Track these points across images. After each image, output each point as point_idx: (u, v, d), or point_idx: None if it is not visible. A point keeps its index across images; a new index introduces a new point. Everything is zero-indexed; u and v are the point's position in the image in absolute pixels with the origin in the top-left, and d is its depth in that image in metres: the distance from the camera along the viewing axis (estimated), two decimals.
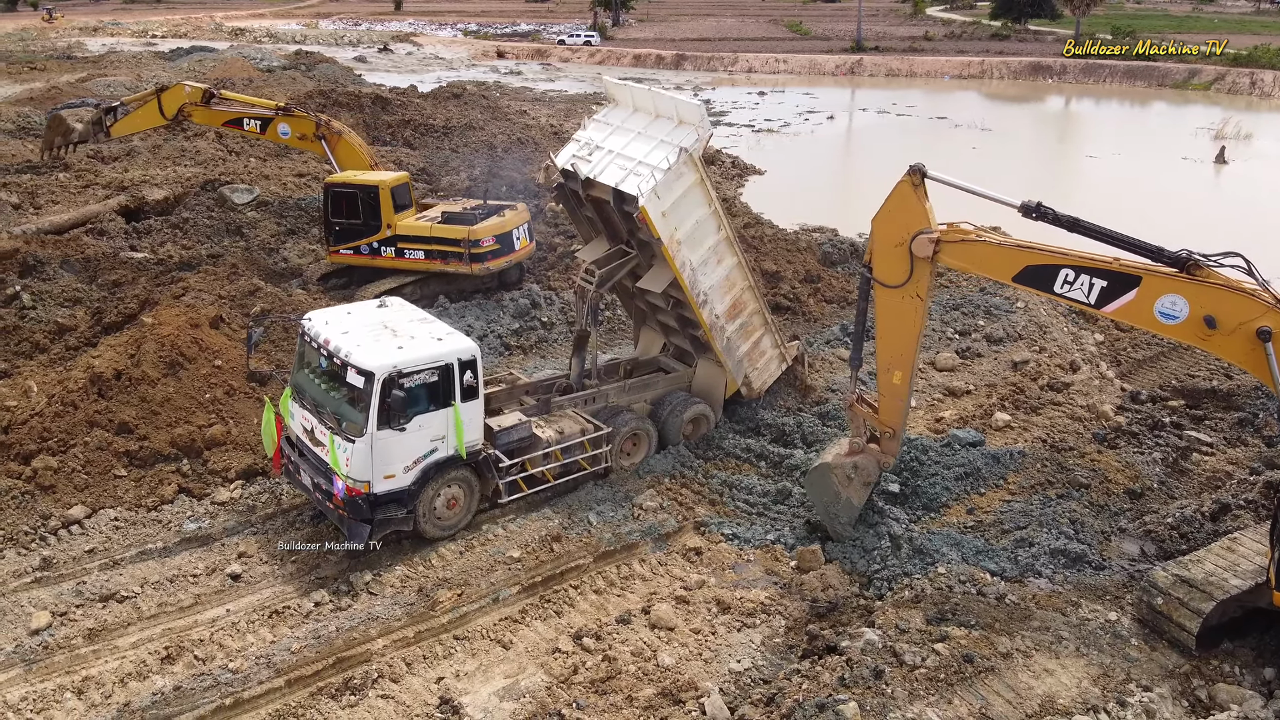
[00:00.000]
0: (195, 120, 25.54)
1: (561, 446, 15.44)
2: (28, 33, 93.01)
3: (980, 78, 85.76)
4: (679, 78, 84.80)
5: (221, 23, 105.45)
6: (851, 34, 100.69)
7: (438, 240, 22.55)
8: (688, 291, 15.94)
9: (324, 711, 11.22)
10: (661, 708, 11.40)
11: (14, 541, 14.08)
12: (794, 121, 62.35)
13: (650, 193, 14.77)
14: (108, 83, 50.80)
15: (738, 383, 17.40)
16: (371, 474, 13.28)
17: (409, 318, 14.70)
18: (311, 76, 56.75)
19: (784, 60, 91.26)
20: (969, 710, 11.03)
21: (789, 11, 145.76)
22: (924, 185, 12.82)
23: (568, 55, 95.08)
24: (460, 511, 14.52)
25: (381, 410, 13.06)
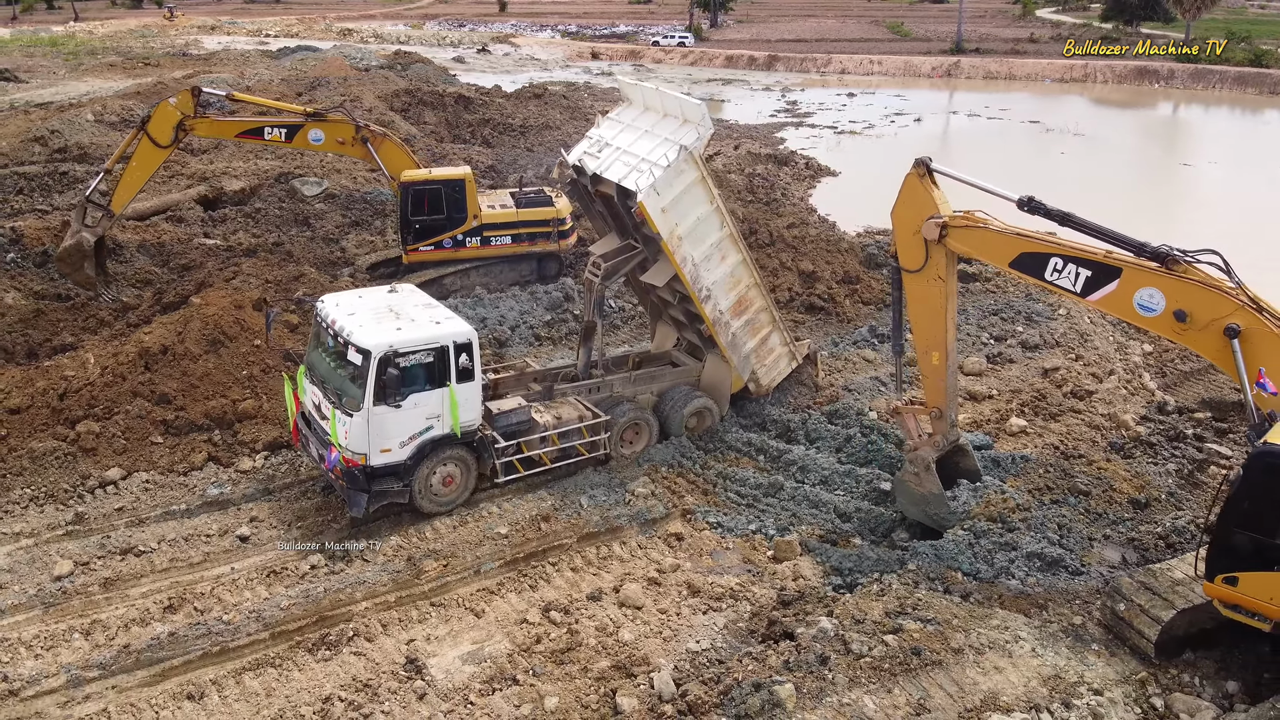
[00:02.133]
0: (199, 133, 23.48)
1: (558, 432, 16.02)
2: (149, 30, 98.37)
3: (1083, 81, 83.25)
4: (769, 79, 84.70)
5: (332, 23, 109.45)
6: (954, 35, 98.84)
7: (525, 224, 23.78)
8: (689, 286, 16.36)
9: (299, 663, 12.09)
10: (613, 679, 11.92)
11: (53, 497, 15.42)
12: (879, 124, 61.76)
13: (649, 189, 15.22)
14: (211, 79, 53.47)
15: (744, 379, 17.71)
16: (368, 447, 14.11)
17: (415, 303, 15.47)
18: (404, 76, 58.58)
19: (878, 62, 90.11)
20: (906, 700, 11.23)
21: (892, 12, 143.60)
22: (930, 176, 13.94)
23: (661, 56, 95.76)
24: (456, 489, 15.26)
25: (378, 387, 13.86)
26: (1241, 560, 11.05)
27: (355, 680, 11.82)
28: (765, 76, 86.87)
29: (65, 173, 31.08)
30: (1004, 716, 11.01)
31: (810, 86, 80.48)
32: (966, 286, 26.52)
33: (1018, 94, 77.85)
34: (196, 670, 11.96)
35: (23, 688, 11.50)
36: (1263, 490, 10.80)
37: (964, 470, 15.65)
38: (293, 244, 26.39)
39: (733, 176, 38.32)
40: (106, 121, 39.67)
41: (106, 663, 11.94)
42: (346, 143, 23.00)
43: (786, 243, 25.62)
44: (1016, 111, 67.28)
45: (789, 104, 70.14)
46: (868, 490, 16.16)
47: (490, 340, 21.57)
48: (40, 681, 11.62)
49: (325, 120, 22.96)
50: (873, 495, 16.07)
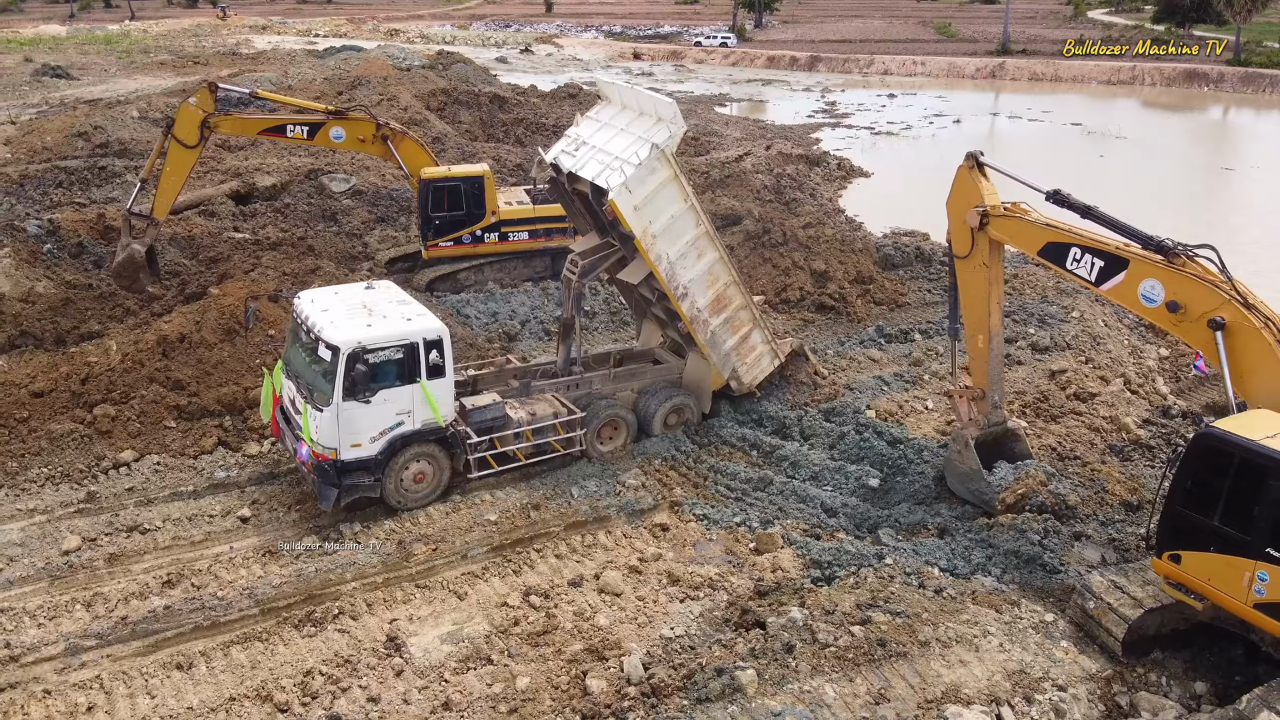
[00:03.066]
0: (223, 131, 23.72)
1: (532, 428, 16.25)
2: (202, 29, 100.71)
3: (1131, 84, 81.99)
4: (810, 79, 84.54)
5: (379, 24, 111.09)
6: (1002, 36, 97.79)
7: (541, 220, 24.21)
8: (664, 284, 16.52)
9: (284, 638, 12.57)
10: (585, 662, 12.24)
11: (69, 477, 16.11)
12: (917, 125, 61.44)
13: (620, 187, 15.41)
14: (255, 77, 54.80)
15: (724, 376, 17.79)
16: (338, 442, 14.33)
17: (389, 299, 15.63)
18: (444, 76, 59.30)
19: (922, 63, 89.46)
20: (867, 690, 11.43)
21: (941, 13, 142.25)
22: (980, 169, 14.88)
23: (702, 57, 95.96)
24: (428, 486, 15.44)
25: (346, 382, 14.05)
26: (1184, 539, 11.42)
27: (337, 656, 12.27)
28: (806, 77, 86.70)
29: (104, 167, 32.15)
30: (963, 708, 11.17)
31: (851, 87, 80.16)
32: None
33: (1064, 96, 76.90)
34: (188, 642, 12.50)
35: (23, 654, 12.11)
36: (1202, 471, 11.21)
37: (1016, 454, 16.13)
38: (318, 239, 27.05)
39: (760, 176, 38.33)
40: (150, 118, 40.85)
41: (104, 633, 12.53)
42: (367, 140, 23.51)
43: (800, 242, 25.76)
44: (1059, 114, 66.46)
45: (828, 105, 69.99)
46: (856, 487, 16.31)
47: (500, 335, 22.02)
48: (40, 649, 12.23)
49: (346, 118, 23.48)
50: (861, 491, 16.23)
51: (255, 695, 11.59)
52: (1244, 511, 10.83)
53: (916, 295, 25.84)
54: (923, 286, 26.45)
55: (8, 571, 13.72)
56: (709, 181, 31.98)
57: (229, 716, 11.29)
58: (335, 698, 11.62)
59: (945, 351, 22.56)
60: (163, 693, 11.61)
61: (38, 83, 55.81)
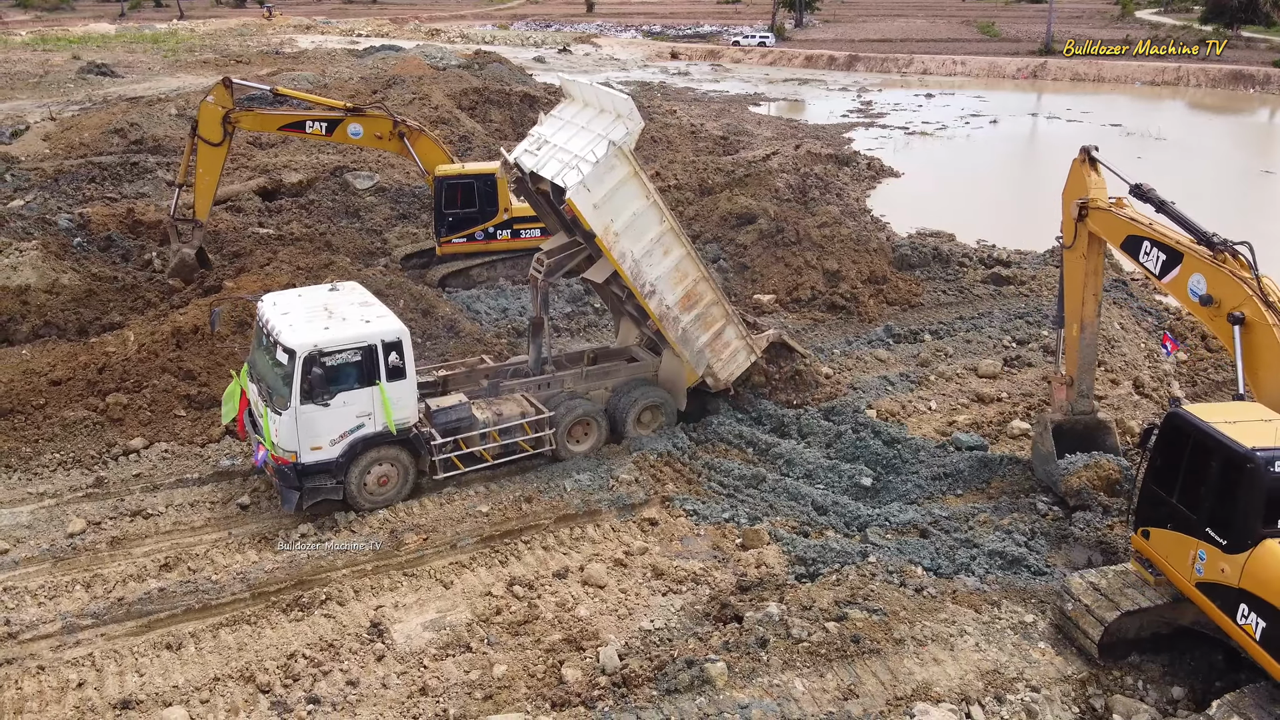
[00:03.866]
0: (244, 126, 24.06)
1: (499, 428, 16.22)
2: (247, 28, 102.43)
3: (1175, 84, 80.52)
4: (847, 79, 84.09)
5: (421, 24, 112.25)
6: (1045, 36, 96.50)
7: None
8: (629, 282, 16.43)
9: (272, 622, 12.90)
10: (562, 652, 12.43)
11: (80, 462, 16.63)
12: (953, 125, 60.90)
13: (578, 185, 15.26)
14: (293, 76, 55.69)
15: (698, 373, 17.66)
16: (298, 445, 14.34)
17: (351, 301, 15.57)
18: (478, 75, 59.83)
19: (962, 62, 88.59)
20: (837, 685, 11.49)
21: (986, 12, 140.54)
22: (1090, 163, 15.31)
23: (740, 56, 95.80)
24: (392, 487, 15.42)
25: (304, 385, 14.06)
26: (1153, 515, 11.86)
27: (321, 640, 12.57)
28: (844, 77, 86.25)
29: (136, 163, 32.96)
30: (932, 706, 11.19)
31: (889, 87, 79.64)
32: (999, 290, 26.31)
33: (1106, 97, 75.78)
34: (180, 623, 12.86)
35: (21, 631, 12.55)
36: (1168, 450, 11.66)
37: (1105, 446, 16.19)
38: (339, 234, 27.55)
39: (785, 176, 38.29)
40: (188, 115, 41.62)
41: (100, 613, 12.93)
42: (384, 137, 23.88)
43: (813, 241, 25.74)
44: (1099, 114, 65.49)
45: (863, 104, 69.63)
46: (849, 485, 16.33)
47: (509, 331, 22.28)
48: (38, 627, 12.66)
49: (364, 115, 23.88)
50: (853, 490, 16.25)
51: (239, 676, 11.92)
52: (1194, 491, 11.25)
53: (930, 296, 25.70)
54: (938, 288, 26.29)
55: (13, 552, 14.21)
56: (730, 180, 31.99)
57: (212, 696, 11.61)
58: (316, 680, 11.91)
59: (954, 353, 22.55)
60: (150, 671, 11.98)
61: (83, 80, 57.20)
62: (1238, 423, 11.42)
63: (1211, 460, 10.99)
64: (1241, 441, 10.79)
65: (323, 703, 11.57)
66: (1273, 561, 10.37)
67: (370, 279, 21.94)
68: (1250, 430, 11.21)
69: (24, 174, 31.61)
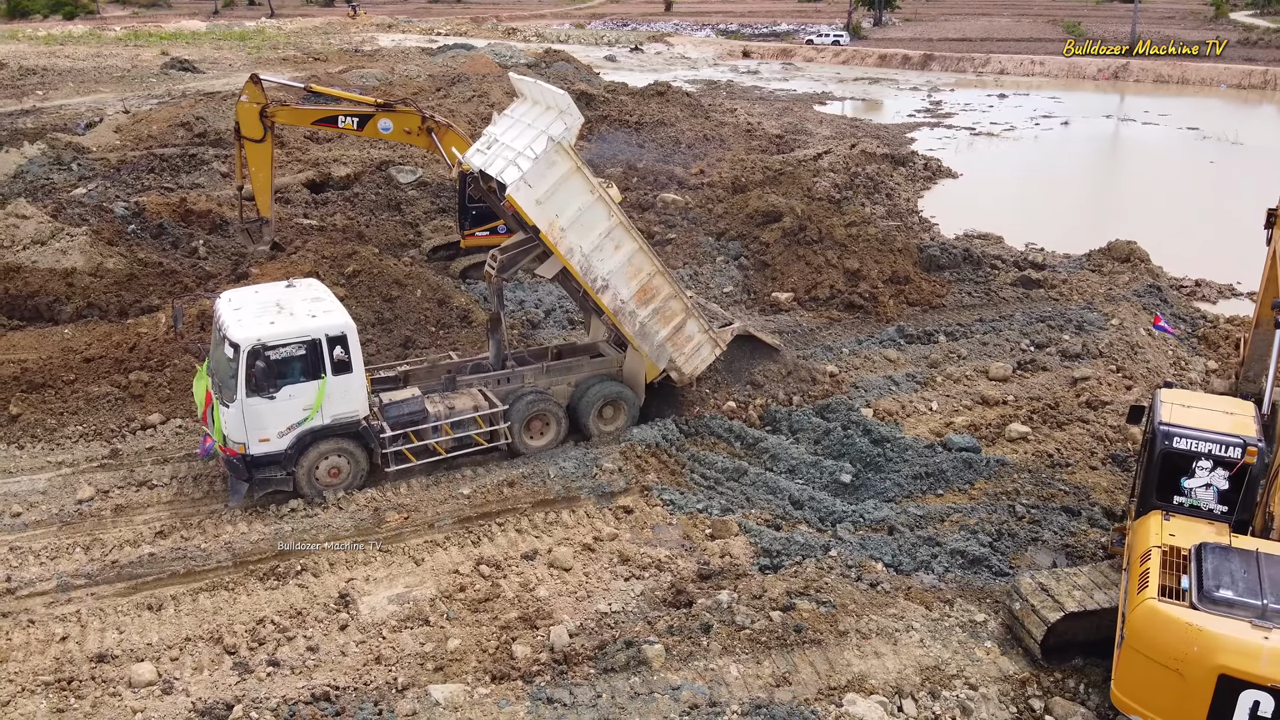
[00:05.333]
0: (280, 121, 24.77)
1: (450, 421, 16.45)
2: (332, 26, 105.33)
3: (1263, 88, 77.43)
4: (921, 78, 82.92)
5: (498, 23, 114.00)
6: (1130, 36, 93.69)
7: None
8: (580, 277, 16.55)
9: (248, 589, 13.60)
10: (516, 629, 12.85)
11: (100, 435, 17.65)
12: (1021, 126, 59.70)
13: (518, 181, 15.45)
14: (362, 74, 57.30)
15: (659, 367, 17.67)
16: (246, 437, 14.82)
17: (304, 297, 15.87)
18: (542, 74, 60.78)
19: (1040, 62, 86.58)
20: (771, 672, 11.69)
21: (1074, 11, 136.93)
22: None
23: (812, 56, 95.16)
24: (344, 478, 15.79)
25: (249, 378, 14.52)
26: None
27: (291, 607, 13.22)
28: (917, 76, 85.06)
29: (195, 155, 34.44)
30: (862, 698, 11.31)
31: (963, 87, 78.31)
32: (1028, 293, 25.94)
33: (1190, 99, 73.31)
34: (164, 587, 13.65)
35: (19, 588, 13.47)
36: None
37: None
38: (377, 226, 28.45)
39: (831, 175, 38.20)
40: None
41: (94, 574, 13.81)
42: (413, 132, 24.61)
43: (835, 240, 25.71)
44: (1178, 117, 63.47)
45: (932, 104, 68.66)
46: (829, 481, 16.43)
47: (523, 322, 22.80)
48: (35, 584, 13.57)
49: (393, 111, 24.64)
50: (832, 486, 16.34)
51: (209, 637, 12.62)
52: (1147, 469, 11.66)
53: (954, 298, 25.45)
54: (965, 289, 26.02)
55: (25, 515, 15.22)
56: (766, 178, 32.10)
57: (181, 654, 12.33)
58: (280, 645, 12.55)
59: (968, 355, 22.37)
60: (130, 629, 12.77)
61: (165, 75, 59.74)
62: (1192, 407, 11.58)
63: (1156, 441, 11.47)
64: (1165, 417, 11.08)
65: (282, 666, 12.19)
66: (1143, 526, 10.60)
67: (391, 269, 22.77)
68: (1193, 414, 11.38)
69: (90, 164, 33.33)
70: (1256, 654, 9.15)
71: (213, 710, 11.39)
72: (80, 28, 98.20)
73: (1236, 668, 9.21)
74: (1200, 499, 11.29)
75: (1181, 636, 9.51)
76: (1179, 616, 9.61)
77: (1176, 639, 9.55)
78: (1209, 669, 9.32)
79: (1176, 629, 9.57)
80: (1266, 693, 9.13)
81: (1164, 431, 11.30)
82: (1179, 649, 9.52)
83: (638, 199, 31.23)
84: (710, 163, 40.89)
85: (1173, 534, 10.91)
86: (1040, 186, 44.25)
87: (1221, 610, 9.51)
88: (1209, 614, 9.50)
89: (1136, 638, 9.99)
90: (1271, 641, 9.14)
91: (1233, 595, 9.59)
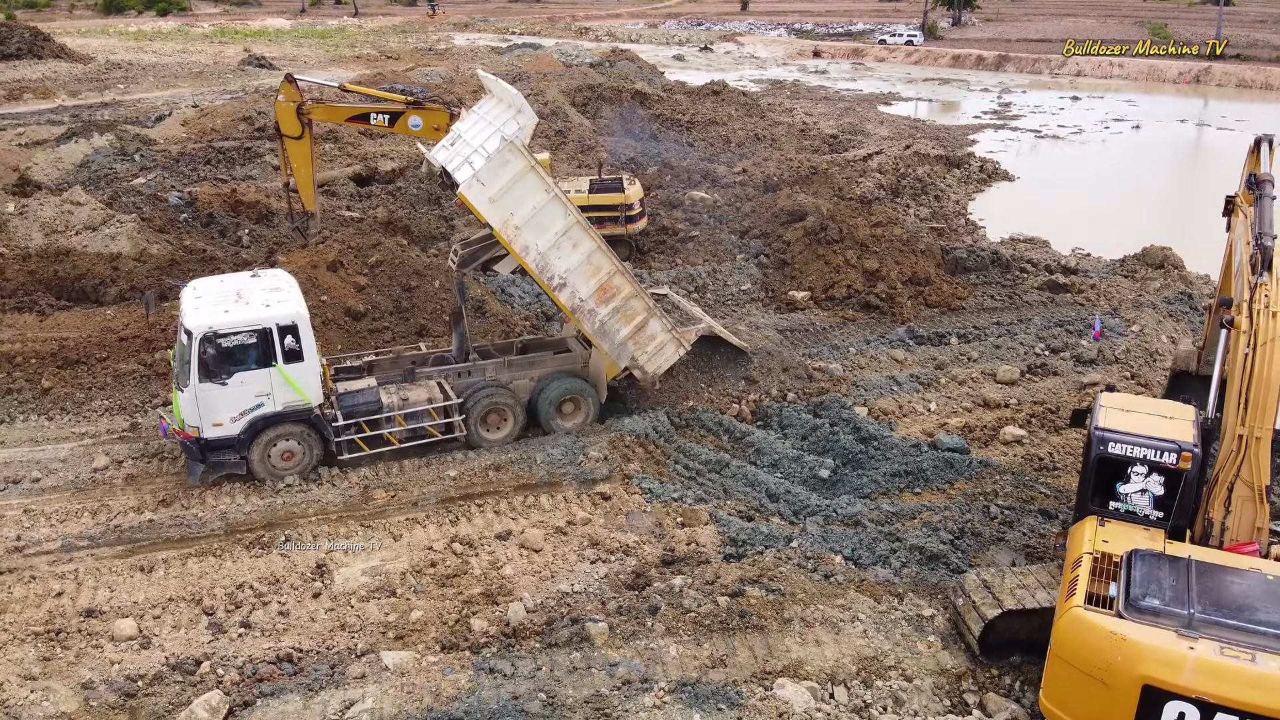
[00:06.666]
0: (316, 118, 25.25)
1: (403, 413, 16.82)
2: (410, 25, 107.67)
3: None
4: (993, 79, 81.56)
5: (571, 22, 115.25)
6: (1224, 38, 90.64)
7: (594, 208, 25.50)
8: (536, 275, 16.78)
9: (233, 555, 14.40)
10: (477, 604, 13.40)
11: (124, 410, 18.75)
12: (1090, 129, 58.45)
13: (470, 179, 15.69)
14: (427, 71, 58.72)
15: (619, 365, 17.81)
16: (199, 421, 15.43)
17: (264, 287, 16.34)
18: (604, 73, 61.49)
19: (1119, 65, 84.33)
20: (710, 654, 12.02)
21: (1165, 13, 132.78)
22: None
23: (884, 55, 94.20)
24: (297, 463, 16.22)
25: (201, 365, 15.12)
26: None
27: (271, 575, 13.97)
28: (990, 77, 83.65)
29: (251, 149, 35.88)
30: (792, 683, 11.56)
31: (1037, 88, 76.89)
32: (1053, 297, 25.65)
33: (1274, 105, 70.71)
34: (159, 551, 14.54)
35: (27, 546, 14.51)
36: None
37: None
38: (415, 219, 29.35)
39: (878, 176, 38.07)
40: None
41: (96, 537, 14.77)
42: (441, 129, 25.22)
43: (856, 240, 25.72)
44: (1258, 122, 61.29)
45: (1001, 106, 67.56)
46: (808, 476, 16.64)
47: (538, 315, 23.37)
48: (42, 544, 14.59)
49: (423, 109, 25.36)
50: (811, 481, 16.55)
51: (190, 599, 13.45)
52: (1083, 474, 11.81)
53: (976, 300, 25.30)
54: (989, 292, 25.84)
55: (43, 481, 16.32)
56: (799, 178, 32.19)
57: (163, 613, 13.17)
58: (255, 609, 13.30)
59: (979, 357, 22.26)
60: (120, 588, 13.66)
61: (241, 72, 62.00)
62: (1131, 411, 11.53)
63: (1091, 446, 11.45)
64: (1101, 421, 11.07)
65: (253, 628, 12.94)
66: (1078, 532, 10.61)
67: (412, 260, 23.55)
68: (1131, 418, 11.35)
69: (152, 155, 35.00)
70: (1180, 664, 9.05)
71: (183, 665, 12.18)
72: (170, 24, 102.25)
73: (1160, 678, 9.13)
74: (1136, 504, 11.25)
75: (1105, 645, 9.44)
76: (1103, 625, 9.53)
77: (1101, 648, 9.47)
78: (1133, 679, 9.25)
79: (1100, 638, 9.51)
80: (1191, 704, 9.02)
81: (1099, 436, 11.27)
82: (1103, 658, 9.44)
83: (668, 196, 31.60)
84: (756, 162, 40.97)
85: (1106, 540, 10.87)
86: (1097, 191, 43.39)
87: (1147, 619, 9.43)
88: (1134, 623, 9.43)
89: (1062, 646, 9.96)
90: (1197, 652, 9.06)
91: (1159, 604, 9.53)
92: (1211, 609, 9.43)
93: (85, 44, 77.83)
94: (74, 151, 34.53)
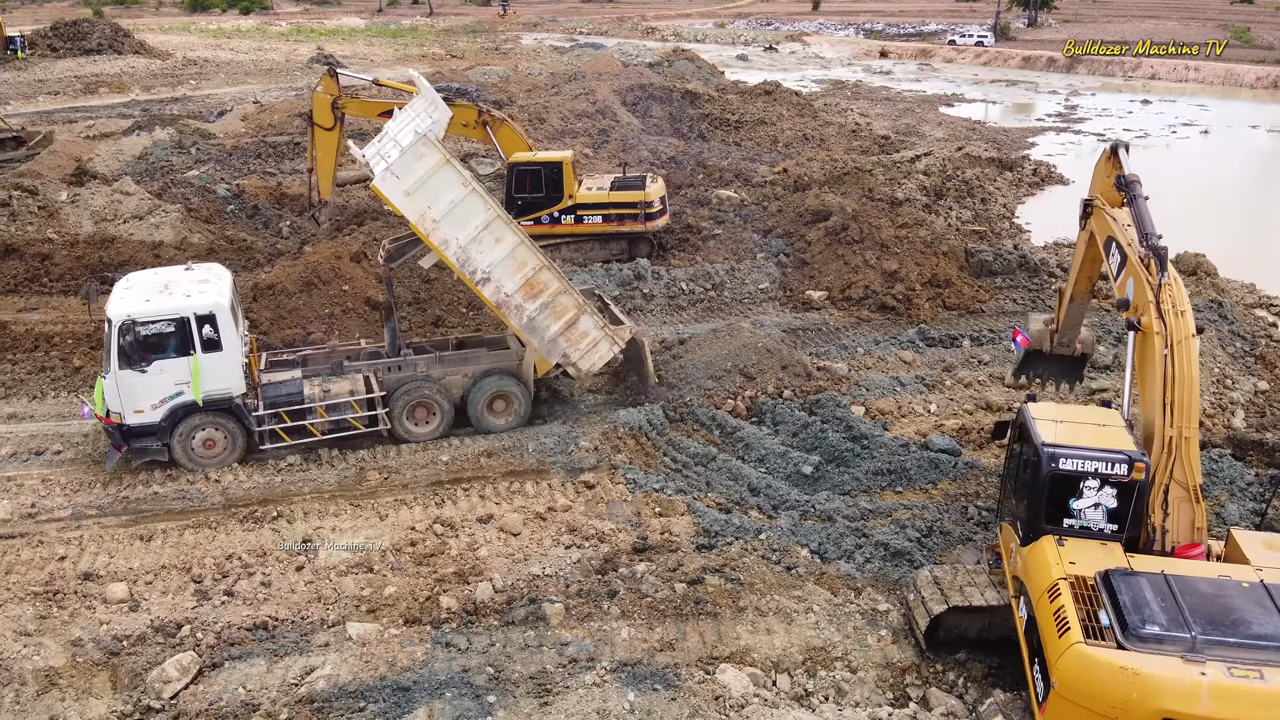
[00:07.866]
0: (349, 112, 26.45)
1: (324, 404, 17.05)
2: (481, 25, 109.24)
3: None
4: (1063, 81, 79.86)
5: (638, 22, 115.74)
6: None
7: (614, 205, 26.00)
8: (457, 270, 16.97)
9: (227, 528, 15.15)
10: (449, 582, 13.90)
11: None
12: (1156, 134, 57.00)
13: (384, 173, 15.98)
14: (485, 70, 59.73)
15: (550, 362, 17.92)
16: (121, 407, 15.90)
17: (192, 279, 16.74)
18: (659, 72, 61.76)
19: (1195, 68, 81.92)
20: (660, 638, 12.35)
21: (1252, 17, 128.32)
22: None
23: (952, 56, 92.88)
24: (219, 452, 16.62)
25: (120, 352, 15.57)
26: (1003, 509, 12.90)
27: (259, 547, 14.68)
28: (1060, 79, 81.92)
29: (300, 144, 36.99)
30: (735, 669, 11.84)
31: (1107, 91, 75.13)
32: None
33: None
34: (159, 522, 15.36)
35: (40, 513, 15.47)
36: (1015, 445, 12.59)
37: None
38: None
39: (922, 177, 37.77)
40: None
41: (104, 507, 15.68)
42: (469, 125, 26.11)
43: (877, 241, 25.67)
44: None
45: (1067, 109, 66.18)
46: (791, 472, 16.80)
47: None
48: (54, 512, 15.53)
49: (451, 104, 26.09)
50: (794, 477, 16.71)
51: (181, 567, 14.21)
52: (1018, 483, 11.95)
53: (997, 304, 25.07)
54: (1012, 295, 25.58)
55: (65, 454, 17.33)
56: (829, 177, 32.15)
57: (154, 579, 13.95)
58: (239, 579, 14.01)
59: (989, 360, 22.10)
60: (119, 555, 14.49)
61: (309, 69, 63.71)
62: (1064, 422, 11.48)
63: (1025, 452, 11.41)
64: (1045, 436, 10.95)
65: (236, 597, 13.64)
66: (1038, 555, 10.47)
67: None
68: (1070, 430, 11.27)
69: (207, 149, 36.38)
70: (1196, 693, 8.77)
71: (165, 628, 12.92)
72: (250, 22, 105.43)
73: (1179, 710, 8.79)
74: (1090, 519, 10.87)
75: (1117, 682, 9.01)
76: (1111, 661, 9.12)
77: (1112, 685, 9.05)
78: (1150, 714, 8.87)
79: (1110, 674, 9.08)
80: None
81: (1049, 454, 10.83)
82: (1117, 696, 9.01)
83: (696, 195, 31.84)
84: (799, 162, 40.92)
85: (1072, 561, 10.47)
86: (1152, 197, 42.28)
87: (1151, 648, 9.11)
88: (1140, 653, 9.09)
89: (1067, 687, 9.38)
90: (1209, 677, 8.81)
91: (1159, 630, 9.20)
92: (1210, 629, 9.18)
93: (165, 40, 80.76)
94: (134, 144, 36.11)
